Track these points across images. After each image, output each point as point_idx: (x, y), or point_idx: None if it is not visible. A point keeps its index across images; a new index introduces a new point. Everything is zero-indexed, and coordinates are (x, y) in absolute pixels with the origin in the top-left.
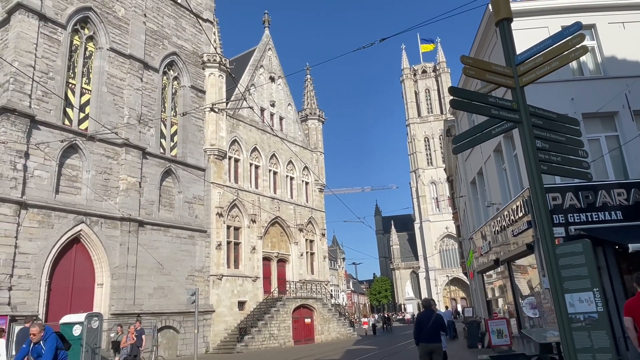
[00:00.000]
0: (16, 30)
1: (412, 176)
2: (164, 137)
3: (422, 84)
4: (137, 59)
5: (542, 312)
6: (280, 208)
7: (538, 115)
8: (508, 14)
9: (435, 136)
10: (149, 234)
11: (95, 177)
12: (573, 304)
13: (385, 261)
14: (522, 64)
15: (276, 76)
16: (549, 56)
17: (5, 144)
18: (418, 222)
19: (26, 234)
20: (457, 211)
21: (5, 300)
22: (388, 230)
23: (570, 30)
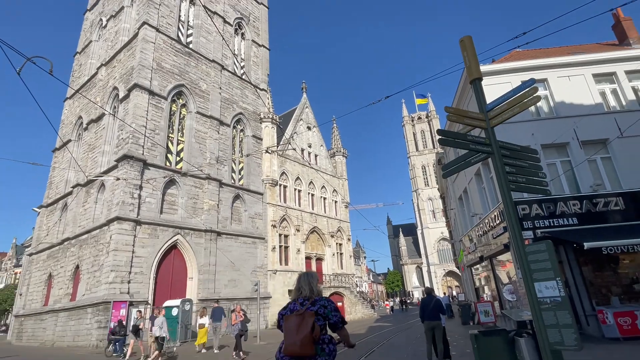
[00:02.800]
0: (134, 102)
1: (414, 195)
2: (234, 171)
3: (419, 127)
4: (215, 118)
5: (519, 297)
6: (317, 220)
7: (506, 147)
8: (479, 74)
9: (429, 164)
10: (224, 241)
11: (187, 202)
12: (541, 290)
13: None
14: (492, 111)
15: (312, 126)
16: (512, 104)
17: (127, 180)
18: (420, 228)
19: (140, 242)
20: (449, 220)
21: (126, 290)
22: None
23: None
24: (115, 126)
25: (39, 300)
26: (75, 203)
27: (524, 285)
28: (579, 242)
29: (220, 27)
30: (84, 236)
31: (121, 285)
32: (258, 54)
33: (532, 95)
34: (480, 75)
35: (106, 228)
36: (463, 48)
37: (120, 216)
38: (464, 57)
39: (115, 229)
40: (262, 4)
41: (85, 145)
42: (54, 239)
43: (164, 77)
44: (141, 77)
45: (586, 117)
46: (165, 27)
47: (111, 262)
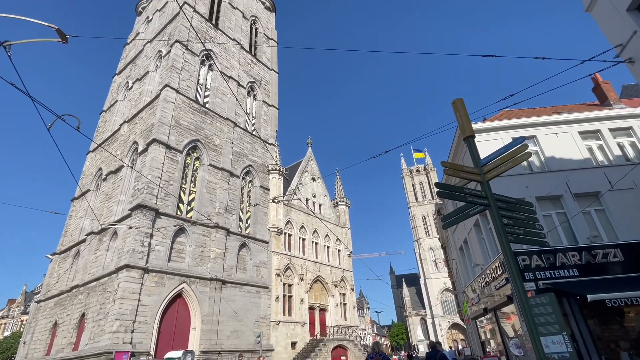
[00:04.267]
0: (151, 155)
1: (415, 244)
2: (242, 220)
3: (417, 179)
4: (226, 170)
5: (526, 351)
6: (320, 269)
7: (502, 200)
8: (471, 133)
9: (429, 215)
10: (229, 290)
11: (195, 250)
12: (547, 345)
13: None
14: (486, 165)
15: (316, 177)
16: (505, 159)
17: (139, 229)
18: (422, 279)
19: (146, 291)
20: (451, 270)
21: (129, 340)
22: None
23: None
24: (132, 177)
25: (42, 350)
26: (87, 251)
27: (530, 340)
28: (582, 294)
29: (234, 90)
30: (93, 284)
31: (124, 335)
32: (268, 112)
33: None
34: (472, 133)
35: (115, 276)
36: (455, 109)
37: (130, 264)
38: (457, 117)
39: (123, 276)
40: (273, 70)
41: (102, 195)
42: (63, 286)
43: (180, 132)
44: (160, 133)
45: (577, 171)
46: (185, 89)
47: (117, 311)
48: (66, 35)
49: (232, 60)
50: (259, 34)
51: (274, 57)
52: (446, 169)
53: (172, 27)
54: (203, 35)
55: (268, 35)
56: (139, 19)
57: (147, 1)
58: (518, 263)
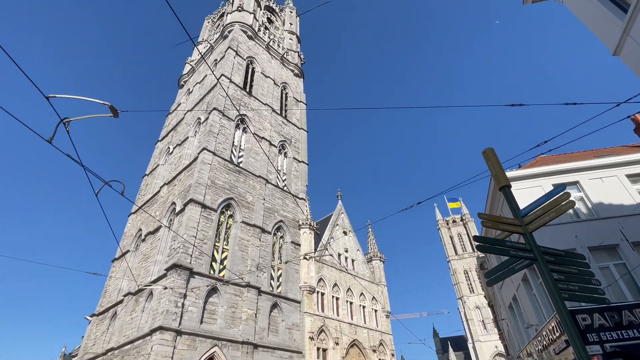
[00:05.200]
0: (187, 215)
1: (459, 302)
2: (273, 278)
3: (455, 230)
4: (258, 227)
5: None
6: (357, 332)
7: (549, 253)
8: (506, 182)
9: (472, 269)
10: (261, 355)
11: (226, 311)
12: None
13: None
14: (527, 216)
15: (347, 230)
16: (547, 209)
17: (173, 289)
18: (470, 342)
19: (178, 354)
20: (502, 332)
21: None
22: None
23: (558, 190)
24: (169, 237)
25: None
26: (124, 312)
27: None
28: None
29: (266, 149)
30: (127, 347)
31: None
32: (298, 168)
33: (566, 200)
34: (508, 182)
35: (148, 338)
36: (487, 159)
37: (164, 325)
38: (489, 166)
39: (157, 339)
40: (302, 129)
41: (140, 255)
42: (99, 348)
43: (216, 191)
44: (196, 193)
45: (632, 217)
46: (221, 151)
47: None
48: (117, 111)
49: (265, 123)
50: (288, 98)
51: (303, 118)
52: (484, 220)
53: (210, 97)
54: (238, 102)
55: (297, 99)
56: (180, 91)
57: (188, 75)
58: (577, 323)
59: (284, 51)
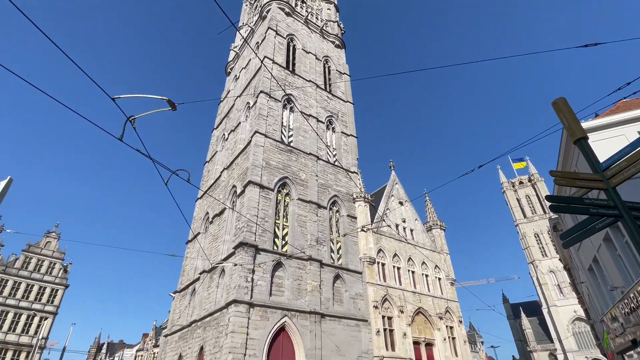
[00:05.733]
0: (248, 196)
1: (531, 267)
2: (333, 251)
3: (522, 192)
4: (314, 202)
5: None
6: (421, 300)
7: (637, 208)
8: (582, 134)
9: (543, 232)
10: (328, 324)
11: (292, 283)
12: None
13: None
14: (609, 169)
15: (404, 201)
16: (633, 159)
17: (242, 265)
18: (545, 307)
19: (253, 325)
20: (581, 295)
21: None
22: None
23: None
24: (234, 218)
25: None
26: (201, 288)
27: None
28: None
29: (314, 126)
30: (208, 318)
31: None
32: (347, 142)
33: None
34: (584, 134)
35: (225, 310)
36: (558, 110)
37: (237, 299)
38: (561, 118)
39: (232, 311)
40: (348, 101)
41: (210, 237)
42: (184, 321)
43: (271, 172)
44: (253, 175)
45: None
46: (272, 132)
47: (229, 344)
48: (175, 104)
49: (310, 100)
50: (331, 71)
51: (348, 90)
52: (557, 178)
53: (256, 80)
54: (282, 82)
55: (340, 71)
56: (228, 78)
57: (233, 62)
58: None
59: (322, 23)
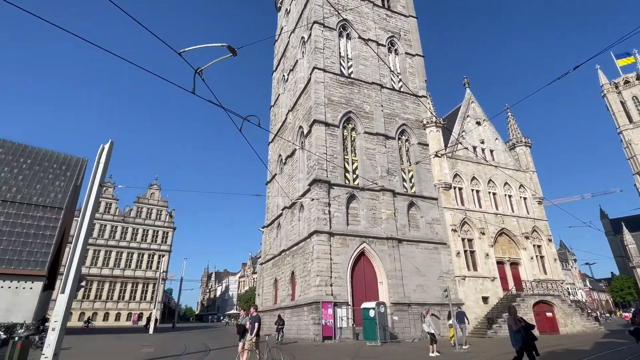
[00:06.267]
0: (314, 135)
1: (636, 178)
2: (405, 180)
3: (627, 93)
4: (380, 134)
5: None
6: (504, 221)
7: None
8: None
9: None
10: (406, 247)
11: (367, 213)
12: None
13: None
14: None
15: (481, 120)
16: None
17: (318, 200)
18: None
19: (335, 251)
20: None
21: (330, 292)
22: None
23: None
24: (304, 157)
25: (271, 299)
26: (285, 222)
27: None
28: None
29: (374, 50)
30: (294, 247)
31: (326, 288)
32: (413, 63)
33: None
34: None
35: (308, 240)
36: None
37: (317, 230)
38: None
39: (315, 240)
40: (411, 15)
41: (286, 177)
42: (274, 251)
43: (334, 108)
44: (317, 114)
45: None
46: (330, 66)
47: (316, 269)
48: (234, 49)
49: (367, 22)
50: None
51: (409, 2)
52: None
53: (307, 10)
54: (335, 5)
55: None
56: (279, 14)
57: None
58: None
59: None
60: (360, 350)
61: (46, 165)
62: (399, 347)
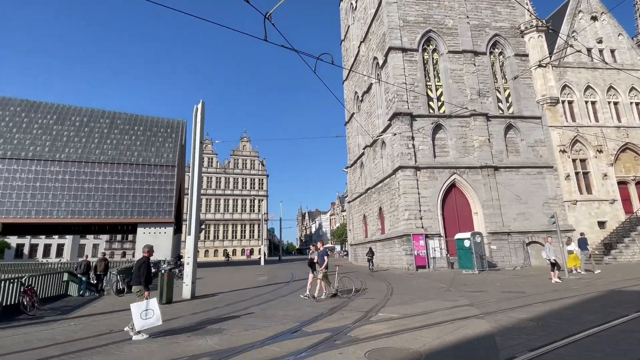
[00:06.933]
0: (391, 64)
1: None
2: (500, 101)
3: None
4: (468, 51)
5: None
6: (628, 135)
7: None
8: None
9: None
10: (503, 175)
11: (456, 142)
12: None
13: None
14: None
15: (598, 14)
16: None
17: (400, 134)
18: None
19: (422, 185)
20: None
21: (420, 225)
22: None
23: None
24: (382, 91)
25: (361, 234)
26: (367, 161)
27: None
28: None
29: None
30: (379, 184)
31: (415, 221)
32: None
33: None
34: None
35: (393, 176)
36: None
37: (402, 165)
38: None
39: (400, 176)
40: None
41: (364, 114)
42: (360, 189)
43: (411, 30)
44: (393, 39)
45: None
46: None
47: (403, 203)
48: None
49: None
50: None
51: None
52: None
53: None
54: None
55: None
56: None
57: None
58: None
59: None
60: (456, 277)
61: (155, 130)
62: (499, 274)
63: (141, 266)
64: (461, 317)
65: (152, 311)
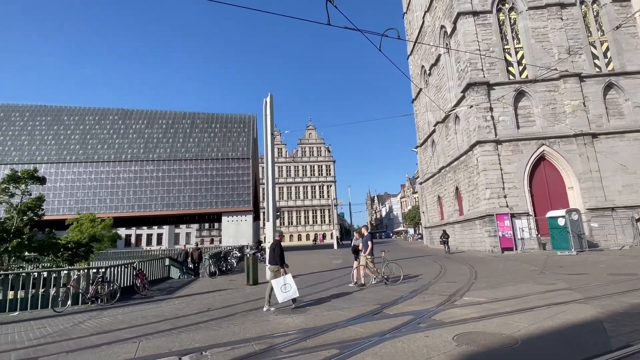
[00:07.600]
0: (462, 31)
1: None
2: (596, 57)
3: None
4: (552, 4)
5: None
6: None
7: None
8: None
9: None
10: (604, 142)
11: (543, 110)
12: None
13: None
14: None
15: None
16: None
17: (477, 106)
18: None
19: (505, 160)
20: None
21: (504, 204)
22: None
23: None
24: (452, 61)
25: (437, 216)
26: (440, 138)
27: None
28: None
29: None
30: (455, 163)
31: (498, 200)
32: None
33: None
34: None
35: (470, 153)
36: None
37: (480, 140)
38: None
39: (478, 152)
40: None
41: (433, 89)
42: (432, 169)
43: None
44: (462, 3)
45: None
46: None
47: (483, 181)
48: None
49: None
50: None
51: None
52: None
53: None
54: None
55: None
56: None
57: None
58: None
59: None
60: (550, 259)
61: (230, 126)
62: (602, 255)
63: (275, 248)
64: (560, 302)
65: (290, 285)
